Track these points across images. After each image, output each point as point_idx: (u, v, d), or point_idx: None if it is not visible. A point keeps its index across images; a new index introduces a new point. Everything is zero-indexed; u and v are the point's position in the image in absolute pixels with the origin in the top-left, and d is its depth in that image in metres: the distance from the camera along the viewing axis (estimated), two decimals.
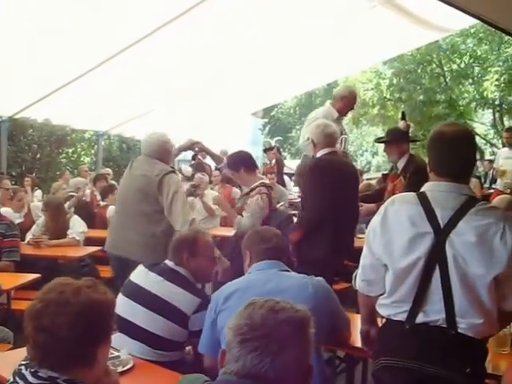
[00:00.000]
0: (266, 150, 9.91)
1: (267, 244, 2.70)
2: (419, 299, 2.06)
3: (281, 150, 10.85)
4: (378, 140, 5.47)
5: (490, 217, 2.03)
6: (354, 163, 11.05)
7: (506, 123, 16.95)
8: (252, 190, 4.14)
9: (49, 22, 5.76)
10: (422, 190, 2.18)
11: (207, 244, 3.06)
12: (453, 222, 2.03)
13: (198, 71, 7.99)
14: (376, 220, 2.19)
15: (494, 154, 17.48)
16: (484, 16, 5.10)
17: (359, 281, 2.29)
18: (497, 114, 17.39)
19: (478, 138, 18.83)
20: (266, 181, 4.44)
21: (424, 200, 2.11)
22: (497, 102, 16.00)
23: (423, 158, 4.93)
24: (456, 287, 2.01)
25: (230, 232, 5.79)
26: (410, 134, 4.96)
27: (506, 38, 12.74)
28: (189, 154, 12.78)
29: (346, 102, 5.13)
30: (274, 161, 9.23)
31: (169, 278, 2.84)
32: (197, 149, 4.84)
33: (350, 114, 16.75)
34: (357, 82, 16.34)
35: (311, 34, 7.27)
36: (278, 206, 5.48)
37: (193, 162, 11.46)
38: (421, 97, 15.78)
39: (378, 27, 7.34)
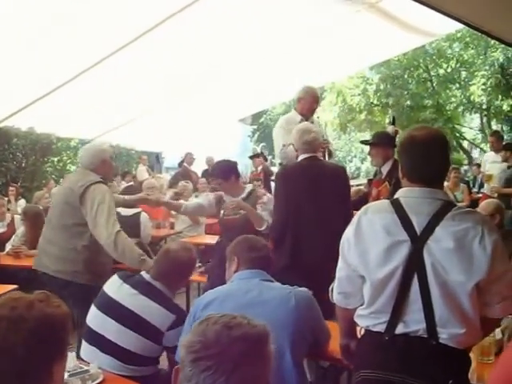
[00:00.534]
0: (252, 157, 9.85)
1: (257, 253, 2.65)
2: (398, 309, 1.98)
3: (268, 156, 10.76)
4: (364, 142, 5.41)
5: (468, 221, 1.96)
6: None
7: (494, 127, 16.99)
8: (250, 193, 4.25)
9: (33, 29, 5.68)
10: (396, 196, 2.11)
11: (195, 261, 3.08)
12: (429, 229, 1.96)
13: (186, 76, 7.92)
14: (349, 230, 2.11)
15: (473, 159, 17.57)
16: (469, 20, 5.10)
17: (336, 294, 2.20)
18: (484, 119, 17.42)
19: (466, 143, 18.90)
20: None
21: (398, 207, 2.04)
22: (484, 106, 16.02)
23: None
24: (436, 296, 1.93)
25: (214, 240, 5.72)
26: (397, 140, 4.91)
27: (492, 42, 12.76)
28: (175, 162, 12.78)
29: (305, 103, 5.05)
30: (260, 167, 9.16)
31: (143, 292, 2.75)
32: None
33: (336, 120, 16.86)
34: (344, 88, 16.37)
35: (298, 39, 7.25)
36: None
37: (179, 170, 11.42)
38: (408, 102, 15.79)
39: (363, 32, 7.32)
